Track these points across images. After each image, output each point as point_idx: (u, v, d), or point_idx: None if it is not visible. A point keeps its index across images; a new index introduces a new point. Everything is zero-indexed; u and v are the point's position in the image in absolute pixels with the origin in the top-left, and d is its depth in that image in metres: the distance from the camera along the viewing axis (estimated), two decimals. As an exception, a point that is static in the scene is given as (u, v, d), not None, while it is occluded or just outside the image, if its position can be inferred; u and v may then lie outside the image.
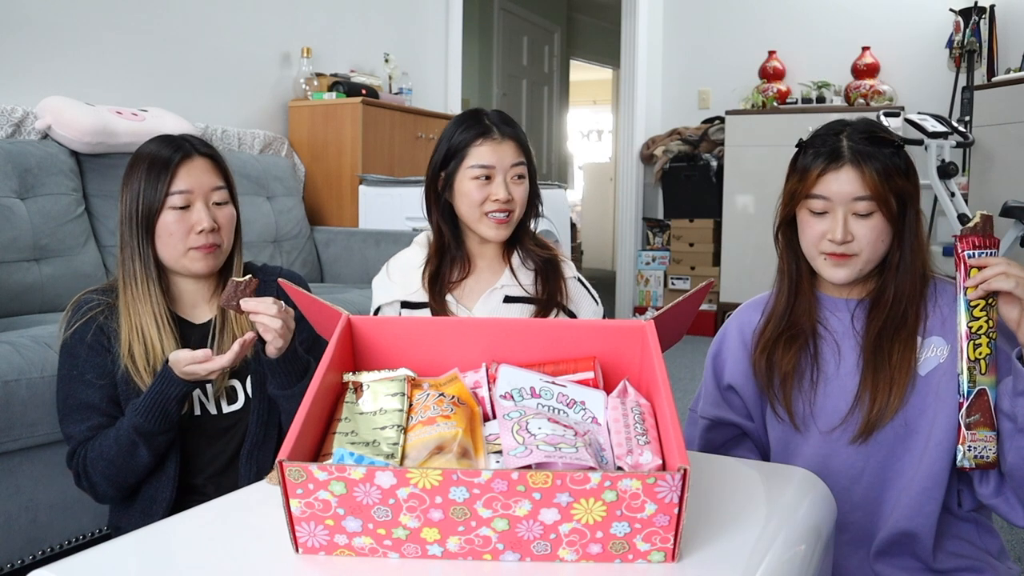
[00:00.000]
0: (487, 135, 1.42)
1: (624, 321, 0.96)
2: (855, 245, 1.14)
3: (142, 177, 1.27)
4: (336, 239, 3.07)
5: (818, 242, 1.17)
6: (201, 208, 1.28)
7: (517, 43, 6.50)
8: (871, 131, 1.16)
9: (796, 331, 1.23)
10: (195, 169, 1.29)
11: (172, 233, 1.27)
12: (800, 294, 1.24)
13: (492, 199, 1.41)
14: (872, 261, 1.16)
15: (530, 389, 0.88)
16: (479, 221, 1.42)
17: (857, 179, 1.13)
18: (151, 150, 1.29)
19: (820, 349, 1.22)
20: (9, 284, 2.00)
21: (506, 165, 1.42)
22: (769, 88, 4.80)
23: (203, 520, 0.84)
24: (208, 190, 1.30)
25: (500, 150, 1.42)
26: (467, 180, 1.41)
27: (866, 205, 1.13)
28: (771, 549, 0.79)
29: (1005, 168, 3.67)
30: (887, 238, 1.15)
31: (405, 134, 3.42)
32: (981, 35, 4.24)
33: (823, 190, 1.15)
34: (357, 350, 0.95)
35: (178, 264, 1.30)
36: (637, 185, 5.36)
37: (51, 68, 2.47)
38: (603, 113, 8.52)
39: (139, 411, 1.20)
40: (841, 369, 1.21)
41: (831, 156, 1.14)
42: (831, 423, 1.19)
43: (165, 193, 1.26)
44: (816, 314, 1.23)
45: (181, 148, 1.29)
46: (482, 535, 0.71)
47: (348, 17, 3.64)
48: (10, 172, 2.09)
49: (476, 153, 1.41)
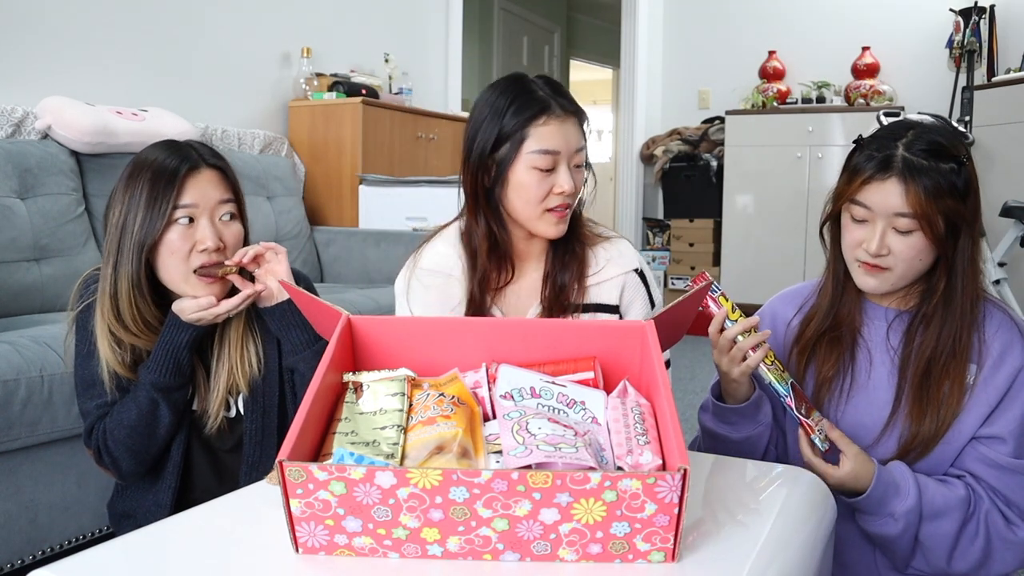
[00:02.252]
0: (548, 112, 1.17)
1: (624, 321, 0.96)
2: (890, 259, 1.10)
3: (144, 188, 1.15)
4: (336, 239, 3.07)
5: (855, 248, 1.13)
6: (206, 224, 1.17)
7: (517, 43, 6.49)
8: (934, 142, 1.08)
9: (839, 332, 1.19)
10: (202, 182, 1.18)
11: (175, 252, 1.16)
12: (847, 292, 1.20)
13: (556, 191, 1.18)
14: (906, 278, 1.12)
15: (530, 389, 0.88)
16: (539, 219, 1.19)
17: (901, 194, 1.06)
18: (156, 158, 1.18)
19: (856, 356, 1.19)
20: (9, 284, 2.00)
21: (571, 149, 1.18)
22: (769, 88, 4.81)
23: (203, 520, 0.84)
24: (214, 204, 1.19)
25: (565, 130, 1.18)
26: (526, 170, 1.17)
27: (907, 223, 1.07)
28: (772, 550, 0.79)
29: (1005, 168, 3.67)
30: (927, 257, 1.10)
31: (405, 134, 3.42)
32: (981, 35, 4.24)
33: (865, 198, 1.09)
34: (357, 350, 0.95)
35: (179, 288, 1.19)
36: (637, 185, 5.36)
37: (51, 68, 2.47)
38: (603, 113, 8.52)
39: (152, 367, 1.18)
40: (872, 380, 1.18)
41: (881, 164, 1.08)
42: (860, 439, 1.16)
43: (172, 207, 1.15)
44: (858, 317, 1.20)
45: (188, 158, 1.18)
46: (482, 535, 0.70)
47: (348, 17, 3.64)
48: (10, 172, 2.09)
49: (539, 135, 1.16)
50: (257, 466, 1.26)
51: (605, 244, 1.30)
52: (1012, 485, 1.10)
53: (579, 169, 1.21)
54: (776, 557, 0.78)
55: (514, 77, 1.22)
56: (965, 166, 1.08)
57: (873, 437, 1.16)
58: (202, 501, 1.24)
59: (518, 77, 1.22)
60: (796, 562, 0.80)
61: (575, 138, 1.19)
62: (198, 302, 1.16)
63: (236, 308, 1.19)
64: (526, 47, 6.62)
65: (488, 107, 1.20)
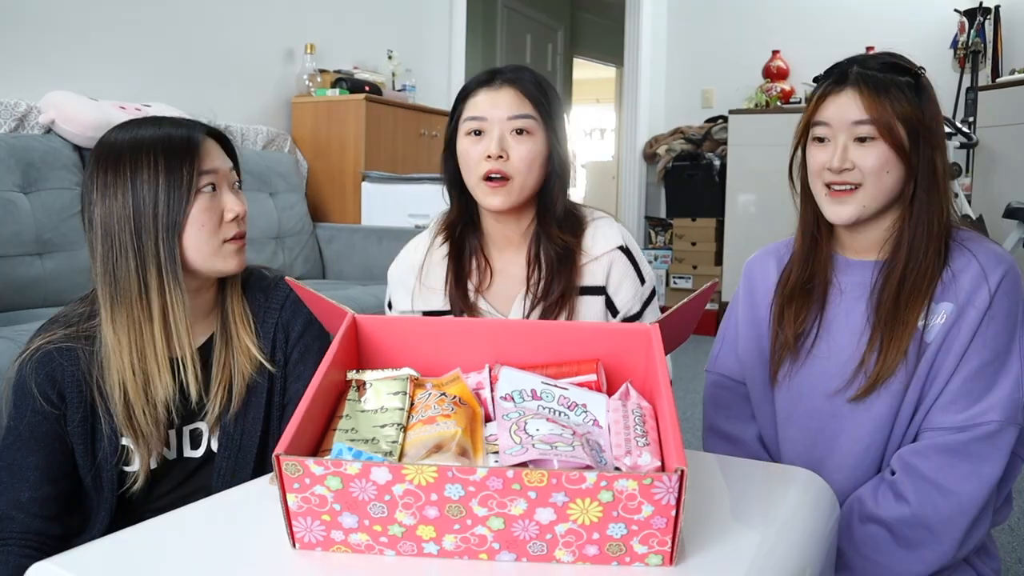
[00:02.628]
0: (482, 84, 1.21)
1: (630, 324, 0.96)
2: (856, 174, 1.07)
3: (158, 164, 1.02)
4: (339, 236, 3.07)
5: (820, 173, 1.10)
6: (228, 191, 1.09)
7: (520, 41, 6.48)
8: (888, 60, 1.09)
9: (813, 283, 1.18)
10: (213, 149, 1.09)
11: (204, 223, 1.05)
12: (819, 247, 1.18)
13: (485, 156, 1.18)
14: (877, 198, 1.09)
15: (531, 391, 0.88)
16: (476, 186, 1.21)
17: (858, 102, 1.06)
18: (154, 134, 1.05)
19: (828, 306, 1.17)
20: (12, 278, 2.01)
21: (501, 115, 1.19)
22: (772, 88, 4.80)
23: (203, 515, 0.84)
24: (227, 171, 1.10)
25: (496, 97, 1.20)
26: (462, 137, 1.22)
27: (866, 129, 1.06)
28: (772, 553, 0.79)
29: (1009, 169, 3.66)
30: (894, 171, 1.07)
31: (408, 131, 3.42)
32: (986, 36, 4.23)
33: (823, 114, 1.09)
34: (362, 349, 0.95)
35: (208, 264, 1.08)
36: (640, 184, 5.35)
37: (54, 63, 2.47)
38: (606, 111, 8.51)
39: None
40: (848, 326, 1.16)
41: (836, 79, 1.09)
42: (830, 383, 1.15)
43: (198, 173, 1.04)
44: (830, 268, 1.18)
45: (193, 126, 1.09)
46: (478, 534, 0.70)
47: (352, 14, 3.64)
48: (13, 166, 2.09)
49: (470, 105, 1.21)
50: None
51: (588, 226, 1.29)
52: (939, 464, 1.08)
53: (519, 137, 1.19)
54: (777, 560, 0.78)
55: (489, 68, 1.26)
56: (921, 80, 1.08)
57: (845, 379, 1.14)
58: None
59: (490, 68, 1.25)
60: (797, 565, 0.80)
61: (507, 104, 1.19)
62: None
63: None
64: (529, 45, 6.61)
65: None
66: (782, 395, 1.22)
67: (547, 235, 1.24)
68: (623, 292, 1.27)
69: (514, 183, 1.20)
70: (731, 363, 1.30)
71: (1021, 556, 1.88)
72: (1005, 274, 1.08)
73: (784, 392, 1.22)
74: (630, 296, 1.27)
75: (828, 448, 1.17)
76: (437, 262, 1.30)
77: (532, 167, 1.20)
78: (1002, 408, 1.06)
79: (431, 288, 1.30)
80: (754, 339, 1.26)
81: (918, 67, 1.10)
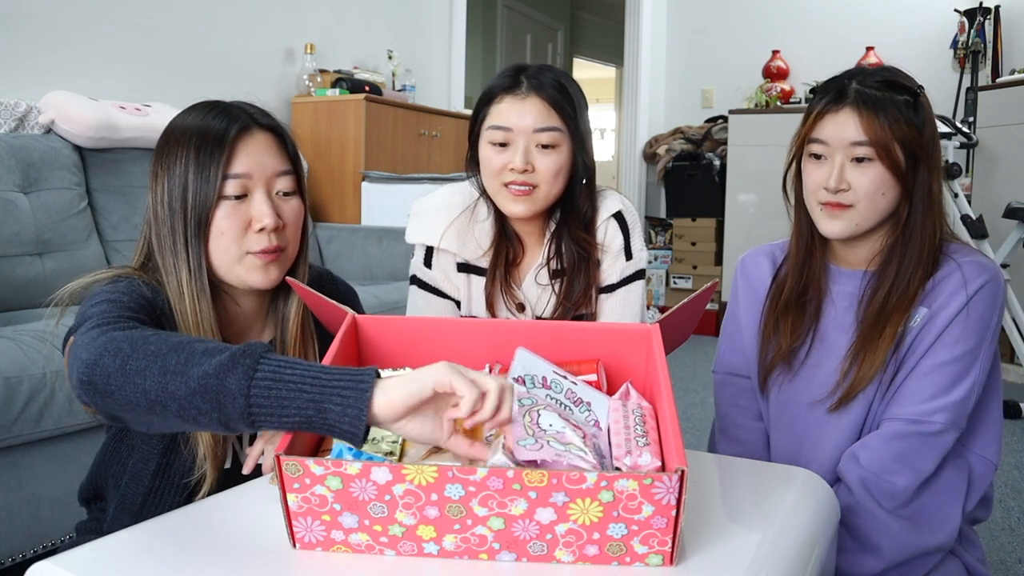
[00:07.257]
0: (507, 90, 1.21)
1: (630, 324, 0.96)
2: (851, 195, 1.08)
3: (189, 157, 0.96)
4: (339, 236, 3.07)
5: (816, 190, 1.11)
6: (262, 199, 0.98)
7: (520, 41, 6.48)
8: (887, 77, 1.08)
9: (807, 296, 1.19)
10: (256, 147, 0.99)
11: (224, 231, 0.96)
12: (813, 256, 1.18)
13: (509, 167, 1.19)
14: (870, 217, 1.09)
15: (542, 379, 0.88)
16: (498, 192, 1.22)
17: (856, 123, 1.05)
18: (197, 123, 0.98)
19: (822, 319, 1.18)
20: (12, 278, 2.01)
21: (527, 128, 1.19)
22: (773, 87, 4.80)
23: (203, 514, 0.84)
24: (271, 175, 1.00)
25: (522, 108, 1.19)
26: (484, 145, 1.22)
27: (864, 151, 1.05)
28: (772, 553, 0.79)
29: (1009, 169, 3.66)
30: (890, 192, 1.08)
31: (408, 131, 3.42)
32: (986, 36, 4.23)
33: (821, 132, 1.09)
34: (362, 349, 0.96)
35: (231, 273, 0.99)
36: (640, 184, 5.35)
37: (54, 62, 2.47)
38: (606, 111, 8.51)
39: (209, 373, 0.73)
40: (837, 338, 1.17)
41: (835, 97, 1.08)
42: (817, 392, 1.17)
43: (221, 177, 0.96)
44: (824, 280, 1.18)
45: (238, 119, 0.99)
46: (478, 534, 0.71)
47: (352, 14, 3.64)
48: (13, 166, 2.09)
49: (495, 112, 1.21)
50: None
51: (600, 210, 1.30)
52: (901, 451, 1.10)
53: (545, 150, 1.20)
54: (777, 561, 0.78)
55: (513, 65, 1.26)
56: (920, 98, 1.08)
57: (829, 388, 1.15)
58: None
59: (515, 65, 1.25)
60: (797, 566, 0.80)
61: (533, 116, 1.19)
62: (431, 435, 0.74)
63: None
64: (529, 45, 6.61)
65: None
66: (771, 400, 1.24)
67: (572, 237, 1.26)
68: (607, 259, 1.28)
69: (539, 192, 1.21)
70: (736, 360, 1.31)
71: (1021, 556, 1.88)
72: (985, 283, 1.09)
73: (774, 397, 1.23)
74: (609, 263, 1.28)
75: (811, 454, 1.19)
76: (481, 221, 1.30)
77: (557, 178, 1.22)
78: (951, 412, 1.08)
79: (477, 241, 1.29)
80: (759, 332, 1.28)
81: (917, 85, 1.10)
